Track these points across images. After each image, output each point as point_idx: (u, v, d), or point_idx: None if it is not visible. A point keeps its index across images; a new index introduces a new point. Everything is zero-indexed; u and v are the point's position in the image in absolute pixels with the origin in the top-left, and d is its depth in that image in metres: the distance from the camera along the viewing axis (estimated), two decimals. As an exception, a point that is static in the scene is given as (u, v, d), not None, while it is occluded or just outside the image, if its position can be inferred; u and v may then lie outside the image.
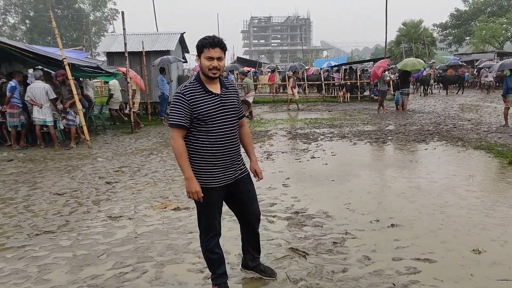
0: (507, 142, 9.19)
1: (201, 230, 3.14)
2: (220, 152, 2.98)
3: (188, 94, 2.89)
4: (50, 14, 10.78)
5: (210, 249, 3.12)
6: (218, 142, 2.96)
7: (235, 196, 3.19)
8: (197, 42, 2.94)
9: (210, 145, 2.95)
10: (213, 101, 2.94)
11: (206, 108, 2.90)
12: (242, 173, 3.16)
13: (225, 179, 3.04)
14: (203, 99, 2.91)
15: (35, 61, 11.17)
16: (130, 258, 3.92)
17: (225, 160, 3.02)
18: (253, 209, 3.27)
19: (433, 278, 3.38)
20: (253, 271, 3.43)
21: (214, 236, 3.12)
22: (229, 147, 3.02)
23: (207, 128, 2.92)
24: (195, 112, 2.88)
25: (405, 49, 38.06)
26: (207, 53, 2.88)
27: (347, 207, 5.22)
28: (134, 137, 11.71)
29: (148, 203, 5.64)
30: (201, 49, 2.91)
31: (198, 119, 2.90)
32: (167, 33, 18.61)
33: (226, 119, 2.99)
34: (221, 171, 3.01)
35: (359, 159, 8.21)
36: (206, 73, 2.92)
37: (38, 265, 3.83)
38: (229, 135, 3.01)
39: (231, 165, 3.06)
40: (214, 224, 3.10)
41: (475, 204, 5.20)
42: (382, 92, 16.99)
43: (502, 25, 43.04)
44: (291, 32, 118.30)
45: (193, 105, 2.88)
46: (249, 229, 3.34)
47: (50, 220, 5.05)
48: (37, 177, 7.22)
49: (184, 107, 2.87)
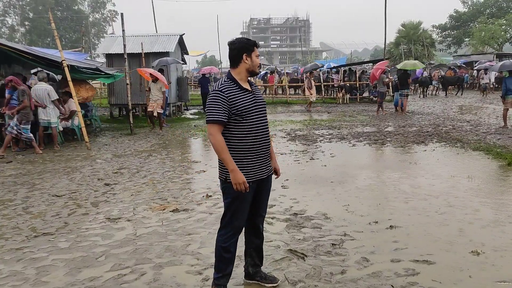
0: (506, 144, 9.19)
1: (223, 225, 3.16)
2: (257, 146, 3.08)
3: (226, 91, 3.00)
4: (49, 16, 10.79)
5: (226, 247, 3.13)
6: (254, 136, 3.06)
7: (257, 193, 3.21)
8: (243, 41, 3.12)
9: (247, 140, 3.04)
10: (248, 97, 3.07)
11: (243, 104, 3.02)
12: (270, 170, 3.28)
13: (260, 174, 3.13)
14: (240, 96, 3.03)
15: (34, 63, 11.18)
16: (128, 260, 3.91)
17: (261, 155, 3.12)
18: (264, 208, 3.35)
19: (432, 280, 3.38)
20: (253, 279, 3.37)
21: (234, 234, 3.15)
22: (264, 141, 3.12)
23: (244, 123, 3.02)
24: (233, 108, 2.98)
25: (404, 51, 38.08)
26: (256, 52, 3.13)
27: (345, 209, 5.22)
28: (133, 139, 11.70)
29: (147, 204, 5.64)
30: (252, 48, 3.10)
31: (236, 114, 3.00)
32: (166, 34, 18.64)
33: (260, 114, 3.12)
34: (257, 166, 3.10)
35: (358, 160, 8.21)
36: (255, 70, 3.15)
37: (36, 267, 3.83)
38: (263, 130, 3.13)
39: (265, 160, 3.17)
40: (240, 222, 3.14)
41: (474, 206, 5.20)
42: (382, 94, 17.01)
43: (501, 26, 43.12)
44: (290, 34, 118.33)
45: (231, 101, 2.98)
46: (254, 231, 3.33)
47: (48, 222, 5.04)
48: (36, 179, 7.21)
49: (222, 103, 2.97)
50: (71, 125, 11.45)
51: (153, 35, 19.31)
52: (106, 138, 12.06)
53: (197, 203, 5.56)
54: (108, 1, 63.57)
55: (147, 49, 16.26)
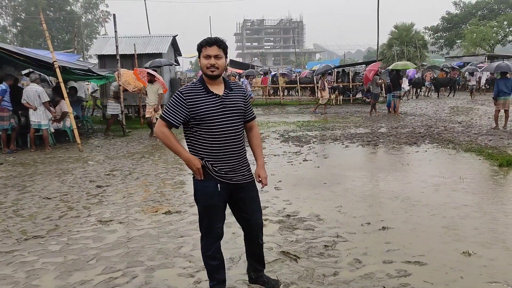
0: (497, 145, 9.26)
1: (202, 234, 3.10)
2: (221, 153, 2.93)
3: (187, 93, 2.90)
4: (41, 17, 10.70)
5: (210, 254, 3.07)
6: (219, 143, 2.91)
7: (238, 203, 3.11)
8: (199, 43, 2.96)
9: (211, 146, 2.92)
10: (213, 102, 2.91)
11: (206, 108, 2.87)
12: (245, 178, 3.06)
13: (225, 178, 2.96)
14: (203, 99, 2.89)
15: (25, 64, 11.08)
16: (120, 263, 3.88)
17: (226, 162, 2.95)
18: (255, 218, 3.16)
19: (424, 281, 3.39)
20: (256, 283, 3.32)
21: (215, 241, 3.06)
22: (231, 149, 2.95)
23: (207, 128, 2.89)
24: (193, 112, 2.87)
25: (397, 52, 38.27)
26: (204, 52, 2.90)
27: (338, 210, 5.22)
28: (126, 140, 11.64)
29: (139, 206, 5.61)
30: (199, 49, 2.93)
31: (197, 119, 2.88)
32: (159, 35, 18.60)
33: (228, 121, 2.93)
34: (223, 170, 2.95)
35: (351, 162, 8.23)
36: (205, 72, 2.93)
37: (26, 271, 3.78)
38: (231, 137, 2.95)
39: (232, 168, 2.98)
40: (215, 229, 3.03)
41: (465, 207, 5.22)
42: (375, 95, 17.08)
43: (492, 28, 43.47)
44: (284, 35, 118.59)
45: (191, 105, 2.87)
46: (251, 240, 3.24)
47: (39, 225, 4.99)
48: (27, 181, 7.14)
49: (179, 105, 2.88)
50: (62, 126, 11.36)
51: (146, 36, 19.27)
52: (98, 140, 11.99)
53: (189, 205, 5.53)
54: (101, 1, 63.30)
55: (140, 50, 16.19)
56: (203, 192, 2.98)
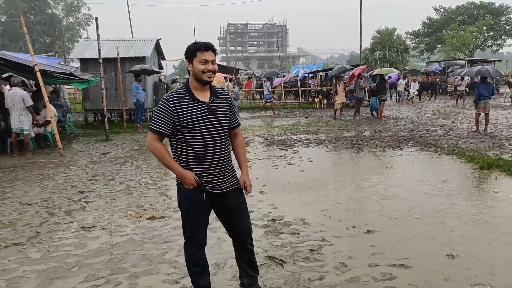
0: (478, 148, 9.42)
1: (185, 241, 3.05)
2: (206, 161, 2.88)
3: (173, 101, 2.83)
4: (21, 20, 10.51)
5: (194, 261, 3.03)
6: (204, 151, 2.86)
7: (224, 210, 3.06)
8: (187, 48, 2.87)
9: (196, 153, 2.86)
10: (199, 109, 2.84)
11: (191, 116, 2.81)
12: (231, 185, 3.01)
13: (211, 186, 2.92)
14: (188, 107, 2.82)
15: (5, 67, 10.85)
16: (103, 270, 3.81)
17: (211, 170, 2.90)
18: (243, 224, 3.10)
19: (409, 284, 3.41)
20: None
21: (199, 248, 3.02)
22: (216, 157, 2.90)
23: (192, 136, 2.83)
24: (179, 119, 2.81)
25: (379, 56, 38.72)
26: (201, 57, 2.81)
27: (323, 214, 5.23)
28: (109, 145, 11.49)
29: (123, 212, 5.52)
30: (193, 53, 2.83)
31: (182, 126, 2.82)
32: (142, 39, 18.43)
33: (213, 128, 2.88)
34: (207, 178, 2.90)
35: (336, 165, 8.27)
36: (200, 77, 2.83)
37: (6, 279, 3.68)
38: (216, 145, 2.90)
39: (218, 176, 2.93)
40: (199, 236, 3.00)
41: (448, 209, 5.29)
42: (359, 99, 17.22)
43: (472, 33, 44.34)
44: (268, 39, 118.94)
45: (177, 113, 2.80)
46: (240, 246, 3.18)
47: (19, 232, 4.87)
48: (7, 187, 6.98)
49: (166, 114, 2.81)
50: (43, 131, 11.16)
51: (129, 39, 19.06)
52: (80, 144, 11.80)
53: (174, 210, 5.47)
54: (83, 4, 62.55)
55: (122, 53, 16.02)
56: (187, 199, 2.94)
